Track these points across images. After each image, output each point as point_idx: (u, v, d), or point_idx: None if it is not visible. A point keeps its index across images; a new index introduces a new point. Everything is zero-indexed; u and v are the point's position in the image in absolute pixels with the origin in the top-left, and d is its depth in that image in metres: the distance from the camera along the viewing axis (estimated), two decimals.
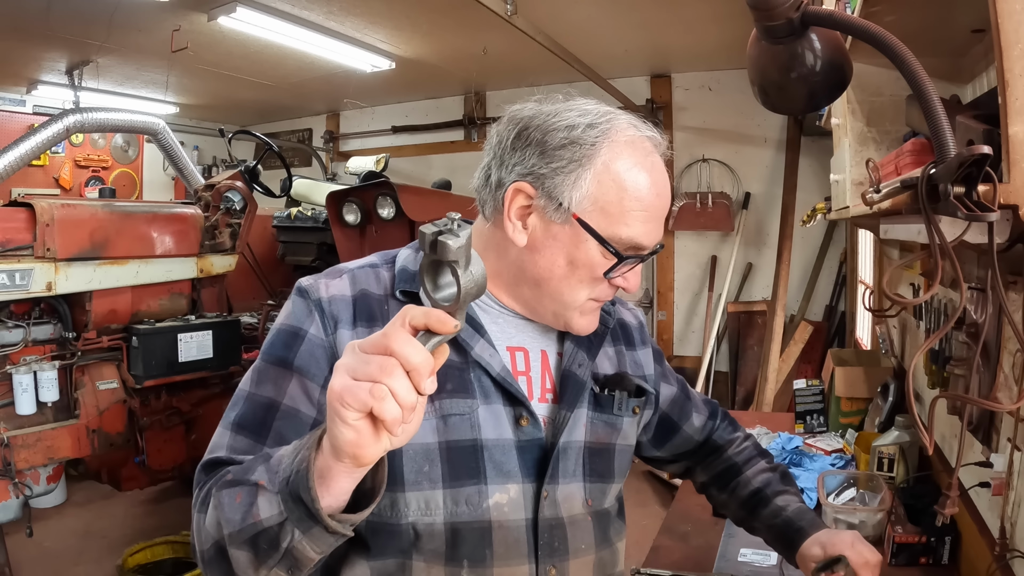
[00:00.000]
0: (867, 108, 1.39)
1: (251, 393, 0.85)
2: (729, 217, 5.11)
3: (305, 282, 0.90)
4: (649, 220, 0.85)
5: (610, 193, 0.83)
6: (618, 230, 0.84)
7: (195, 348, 3.20)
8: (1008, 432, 1.21)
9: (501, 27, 3.08)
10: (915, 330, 2.20)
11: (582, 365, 0.94)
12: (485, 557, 0.85)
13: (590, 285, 0.87)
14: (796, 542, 1.05)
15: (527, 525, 0.87)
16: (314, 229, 4.15)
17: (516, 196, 0.86)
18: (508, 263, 0.90)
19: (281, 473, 0.68)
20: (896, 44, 0.75)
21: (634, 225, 0.84)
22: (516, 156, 0.86)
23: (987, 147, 0.67)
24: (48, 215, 2.77)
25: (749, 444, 1.23)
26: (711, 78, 5.27)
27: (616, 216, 0.84)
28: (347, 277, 0.90)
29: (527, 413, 0.88)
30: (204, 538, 0.76)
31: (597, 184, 0.83)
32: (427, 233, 0.58)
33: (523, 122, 0.87)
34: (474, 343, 0.87)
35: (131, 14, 3.86)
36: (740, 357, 5.20)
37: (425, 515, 0.84)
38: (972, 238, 0.78)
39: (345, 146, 6.97)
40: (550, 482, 0.88)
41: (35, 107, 5.79)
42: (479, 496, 0.84)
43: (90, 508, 3.96)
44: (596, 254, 0.85)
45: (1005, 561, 1.22)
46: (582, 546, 0.91)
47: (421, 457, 0.83)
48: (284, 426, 0.82)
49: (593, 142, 0.83)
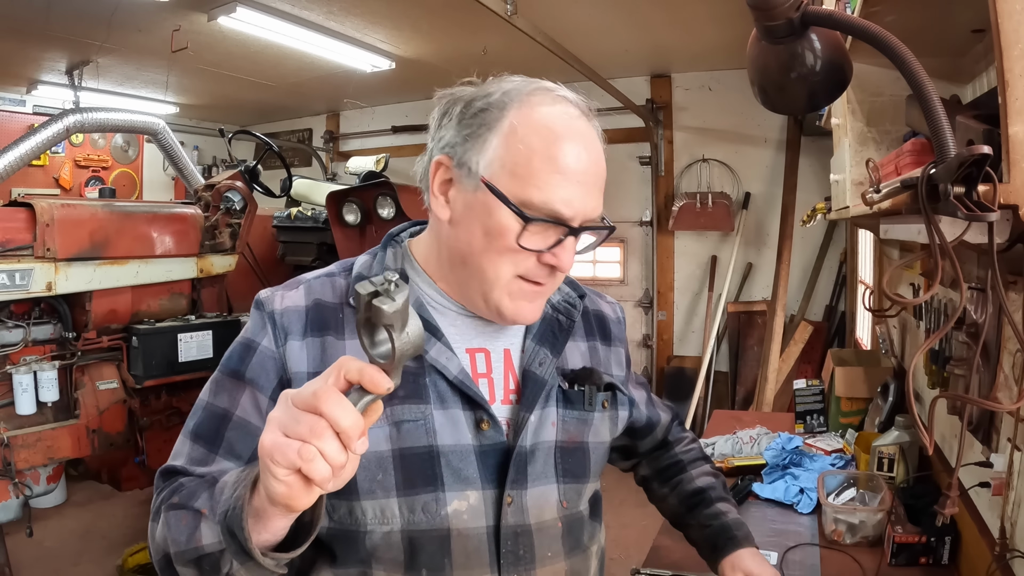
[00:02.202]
0: (867, 108, 1.39)
1: (208, 403, 0.87)
2: (729, 217, 5.10)
3: (263, 294, 0.90)
4: (567, 185, 0.79)
5: (518, 155, 0.79)
6: (528, 193, 0.79)
7: (195, 348, 3.20)
8: (1008, 432, 1.21)
9: (501, 27, 3.08)
10: (915, 330, 2.20)
11: (543, 363, 0.91)
12: (444, 566, 0.83)
13: (511, 258, 0.82)
14: (725, 550, 1.06)
15: (488, 533, 0.84)
16: (314, 229, 4.15)
17: (438, 170, 0.85)
18: (442, 247, 0.88)
19: (220, 505, 0.69)
20: (896, 44, 0.75)
21: (547, 189, 0.79)
22: (440, 132, 0.86)
23: (987, 147, 0.67)
24: (48, 215, 2.77)
25: (696, 447, 1.25)
26: (711, 78, 5.27)
27: (525, 178, 0.79)
28: (303, 288, 0.90)
29: (487, 417, 0.85)
30: (156, 549, 0.79)
31: (505, 146, 0.80)
32: (362, 294, 0.57)
33: (450, 98, 0.87)
34: (429, 347, 0.85)
35: (131, 14, 3.86)
36: (740, 357, 5.20)
37: (381, 523, 0.83)
38: (972, 238, 0.78)
39: (345, 146, 6.97)
40: (514, 487, 0.86)
41: (35, 107, 5.79)
42: (436, 504, 0.83)
43: (90, 508, 3.96)
44: (509, 220, 0.80)
45: (1005, 561, 1.22)
46: (549, 554, 0.88)
47: (374, 465, 0.82)
48: (235, 436, 0.84)
49: (503, 105, 0.81)
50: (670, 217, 5.25)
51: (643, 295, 5.67)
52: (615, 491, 0.87)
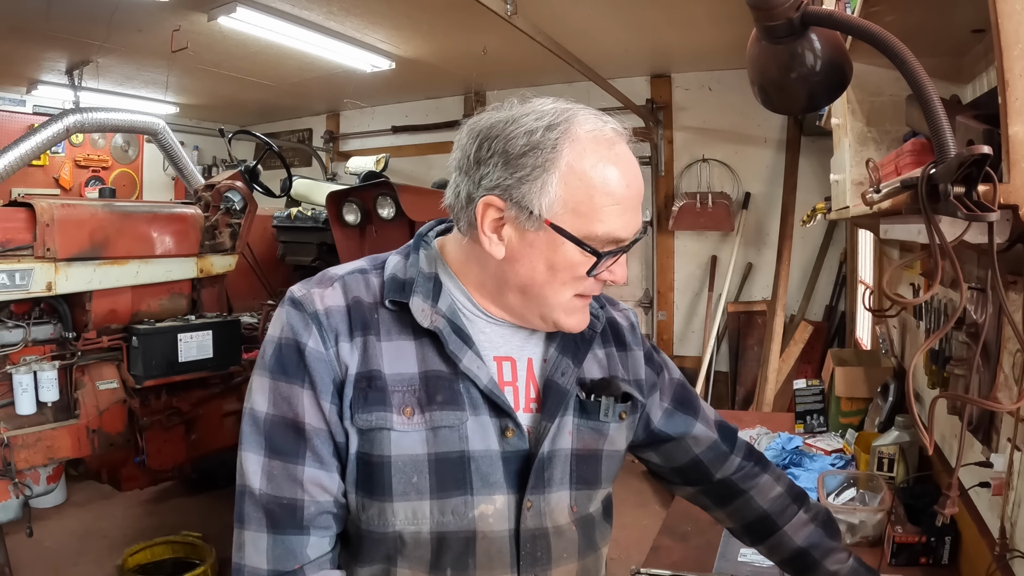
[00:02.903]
0: (867, 108, 1.39)
1: (269, 415, 0.84)
2: (729, 217, 5.10)
3: (298, 292, 0.87)
4: (624, 212, 0.84)
5: (579, 193, 0.82)
6: (593, 228, 0.82)
7: (195, 348, 3.20)
8: (1008, 432, 1.21)
9: (501, 27, 3.07)
10: (915, 330, 2.20)
11: (565, 373, 0.93)
12: (468, 566, 0.85)
13: (573, 284, 0.86)
14: None
15: (510, 535, 0.87)
16: (314, 229, 4.15)
17: (487, 210, 0.84)
18: (490, 275, 0.88)
19: None
20: (896, 44, 0.75)
21: (608, 220, 0.83)
22: (481, 170, 0.85)
23: (987, 147, 0.67)
24: (48, 215, 2.77)
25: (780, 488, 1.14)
26: (711, 78, 5.27)
27: (588, 215, 0.82)
28: (339, 285, 0.88)
29: (513, 425, 0.87)
30: None
31: (564, 186, 0.82)
32: None
33: (483, 133, 0.86)
34: (462, 355, 0.86)
35: (131, 14, 3.86)
36: (740, 357, 5.20)
37: (412, 524, 0.84)
38: (972, 238, 0.78)
39: (345, 146, 6.97)
40: (533, 492, 0.88)
41: (35, 107, 5.78)
42: (465, 507, 0.85)
43: (90, 508, 3.96)
44: (575, 255, 0.84)
45: (1005, 561, 1.22)
46: (564, 555, 0.91)
47: (410, 468, 0.83)
48: (318, 444, 0.83)
49: (554, 145, 0.82)
50: (670, 217, 5.25)
51: (643, 295, 5.67)
52: (615, 491, 0.87)
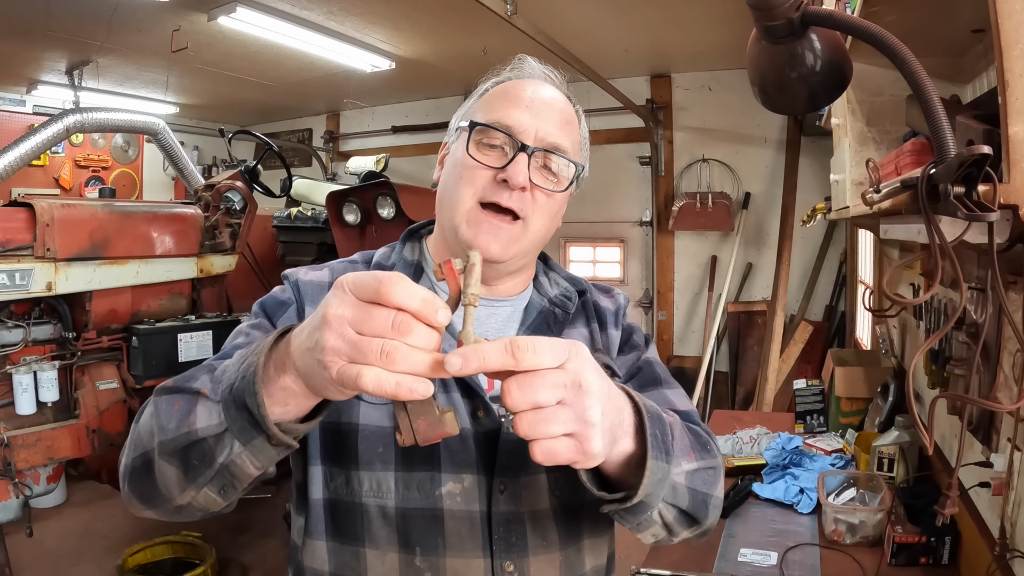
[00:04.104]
0: (867, 108, 1.40)
1: (227, 345, 0.90)
2: (729, 217, 5.10)
3: (289, 270, 0.98)
4: (512, 104, 0.90)
5: (480, 102, 0.94)
6: (477, 115, 0.91)
7: (195, 348, 3.20)
8: (1008, 432, 1.21)
9: (501, 27, 3.08)
10: (915, 330, 2.21)
11: None
12: (437, 546, 0.84)
13: (469, 179, 0.89)
14: None
15: (481, 518, 0.85)
16: (314, 229, 4.15)
17: (442, 149, 0.98)
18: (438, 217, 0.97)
19: (225, 381, 0.67)
20: (896, 44, 0.75)
21: (497, 110, 0.90)
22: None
23: (987, 147, 0.67)
24: (48, 215, 2.77)
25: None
26: (711, 78, 5.27)
27: (479, 108, 0.92)
28: (327, 270, 0.97)
29: (483, 406, 0.87)
30: (134, 447, 0.75)
31: (476, 101, 0.95)
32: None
33: None
34: None
35: (131, 14, 3.86)
36: (740, 357, 5.20)
37: (376, 496, 0.84)
38: (972, 238, 0.78)
39: (345, 146, 6.97)
40: (505, 474, 0.86)
41: (35, 107, 5.79)
42: (431, 483, 0.84)
43: (90, 508, 3.96)
44: (464, 140, 0.90)
45: (1005, 561, 1.22)
46: (543, 543, 0.88)
47: (376, 438, 0.84)
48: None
49: (485, 82, 0.95)
50: (670, 217, 5.25)
51: (643, 295, 5.67)
52: None
